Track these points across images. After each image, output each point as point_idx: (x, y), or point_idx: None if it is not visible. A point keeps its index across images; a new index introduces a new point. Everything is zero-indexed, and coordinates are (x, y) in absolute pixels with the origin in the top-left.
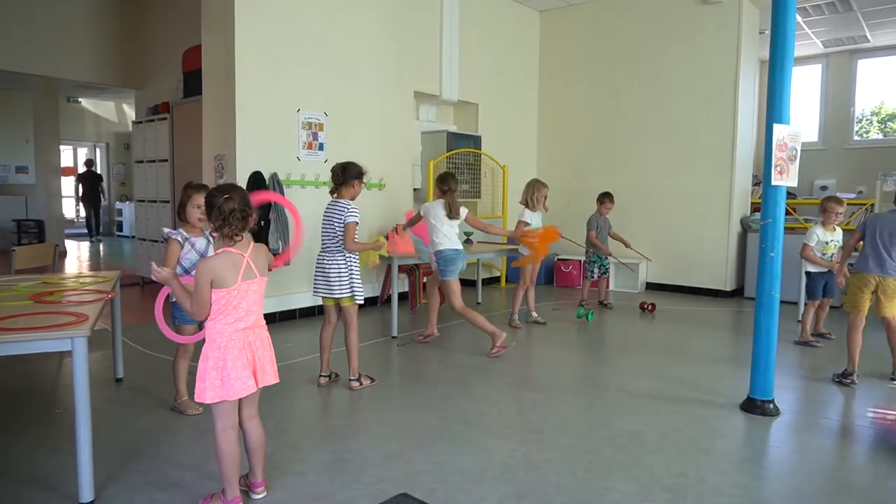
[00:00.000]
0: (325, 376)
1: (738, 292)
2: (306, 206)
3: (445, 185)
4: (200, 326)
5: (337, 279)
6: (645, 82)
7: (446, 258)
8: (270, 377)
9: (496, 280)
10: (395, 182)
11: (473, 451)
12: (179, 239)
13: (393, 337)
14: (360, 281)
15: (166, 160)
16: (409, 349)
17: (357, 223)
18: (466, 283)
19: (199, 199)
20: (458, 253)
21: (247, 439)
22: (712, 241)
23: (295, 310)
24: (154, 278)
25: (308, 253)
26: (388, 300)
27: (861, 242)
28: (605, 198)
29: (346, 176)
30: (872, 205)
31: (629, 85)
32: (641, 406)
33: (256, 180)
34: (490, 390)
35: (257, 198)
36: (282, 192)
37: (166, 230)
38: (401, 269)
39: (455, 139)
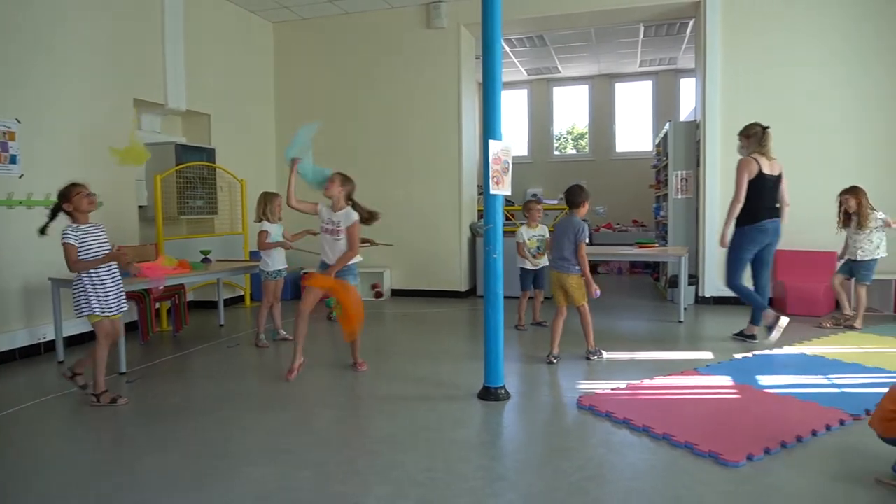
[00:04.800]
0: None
1: (472, 292)
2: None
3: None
4: None
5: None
6: (379, 98)
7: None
8: None
9: (240, 299)
10: (115, 199)
11: (225, 482)
12: None
13: (121, 373)
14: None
15: None
16: (144, 384)
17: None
18: (208, 305)
19: None
20: None
21: None
22: (447, 247)
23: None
24: None
25: (21, 287)
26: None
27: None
28: None
29: None
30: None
31: (365, 100)
32: (392, 409)
33: None
34: (239, 416)
35: None
36: None
37: None
38: (129, 295)
39: (185, 152)
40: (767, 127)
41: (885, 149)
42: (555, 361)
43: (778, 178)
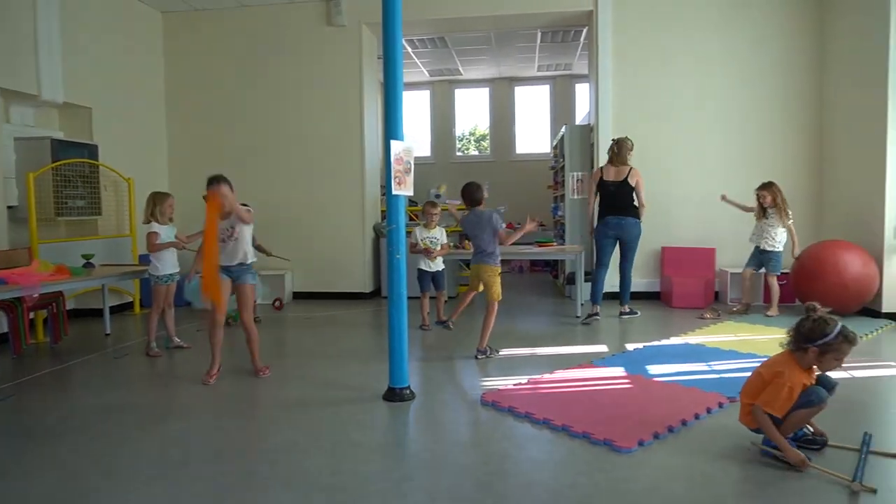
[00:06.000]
0: None
1: (376, 293)
2: None
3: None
4: None
5: None
6: (278, 96)
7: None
8: None
9: (129, 306)
10: None
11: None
12: None
13: None
14: None
15: None
16: (16, 402)
17: None
18: (93, 313)
19: None
20: None
21: None
22: (350, 248)
23: None
24: None
25: None
26: None
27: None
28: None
29: None
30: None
31: (264, 98)
32: (295, 414)
33: None
34: (127, 431)
35: None
36: None
37: None
38: None
39: (63, 148)
40: (614, 141)
41: (760, 151)
42: (451, 328)
43: (622, 183)
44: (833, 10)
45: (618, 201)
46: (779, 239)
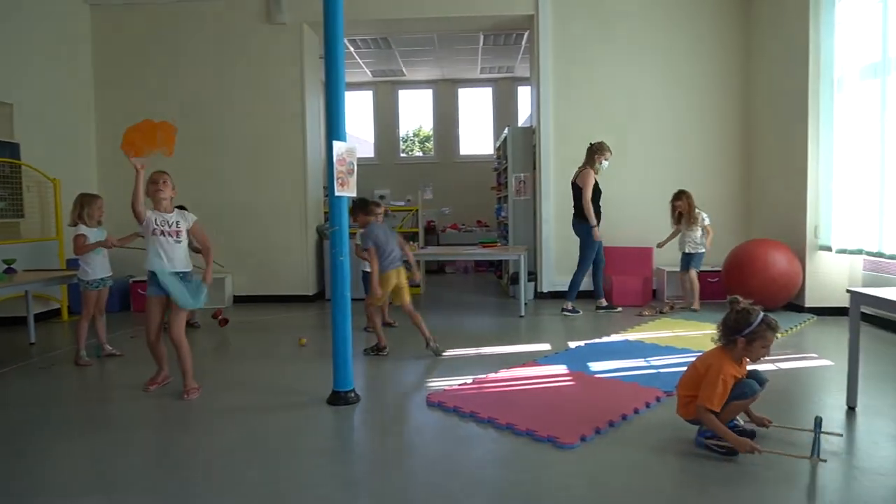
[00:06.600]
0: None
1: (320, 295)
2: None
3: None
4: None
5: None
6: (217, 95)
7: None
8: None
9: (56, 313)
10: None
11: None
12: None
13: None
14: None
15: None
16: None
17: None
18: (16, 321)
19: None
20: None
21: None
22: (293, 250)
23: None
24: None
25: None
26: None
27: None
28: None
29: None
30: (417, 210)
31: (200, 97)
32: (235, 421)
33: None
34: (51, 445)
35: None
36: None
37: None
38: None
39: None
40: (591, 144)
41: (692, 154)
42: (388, 354)
43: (573, 185)
44: (759, 21)
45: (573, 202)
46: (700, 242)
